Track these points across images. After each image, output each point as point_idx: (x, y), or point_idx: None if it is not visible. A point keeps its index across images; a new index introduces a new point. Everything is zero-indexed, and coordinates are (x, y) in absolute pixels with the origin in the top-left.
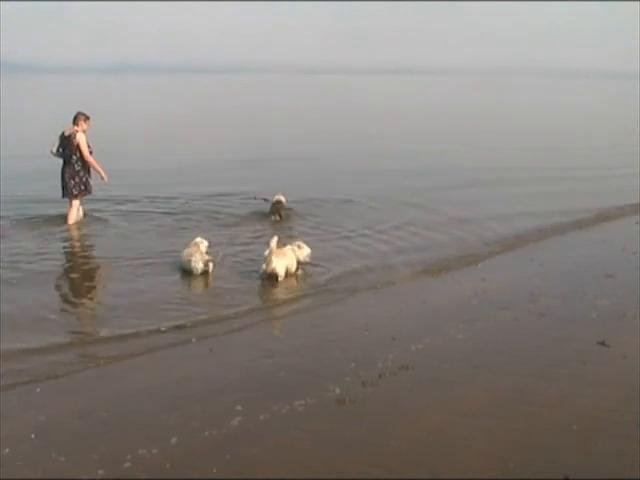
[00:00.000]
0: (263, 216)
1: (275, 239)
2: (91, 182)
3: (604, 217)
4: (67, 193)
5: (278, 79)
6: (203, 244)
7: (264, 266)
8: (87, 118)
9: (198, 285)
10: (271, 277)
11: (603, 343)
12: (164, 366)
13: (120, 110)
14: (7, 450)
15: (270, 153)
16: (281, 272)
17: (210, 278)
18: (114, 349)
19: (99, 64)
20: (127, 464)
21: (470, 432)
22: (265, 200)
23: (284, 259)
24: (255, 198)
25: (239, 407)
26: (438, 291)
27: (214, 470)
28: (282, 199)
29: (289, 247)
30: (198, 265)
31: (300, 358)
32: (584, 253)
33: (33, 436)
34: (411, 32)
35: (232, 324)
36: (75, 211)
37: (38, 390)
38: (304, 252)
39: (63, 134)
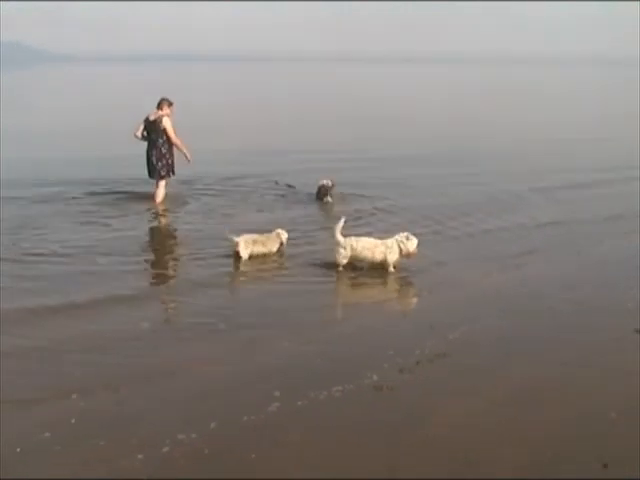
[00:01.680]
0: None
1: (341, 222)
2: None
3: None
4: (155, 174)
5: (304, 68)
6: (259, 237)
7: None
8: (171, 104)
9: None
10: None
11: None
12: (203, 352)
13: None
14: (48, 434)
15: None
16: (341, 260)
17: (240, 262)
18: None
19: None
20: (166, 449)
21: (506, 419)
22: (289, 186)
23: (363, 244)
24: (277, 183)
25: (277, 393)
26: (471, 280)
27: (252, 455)
28: (329, 183)
29: (396, 237)
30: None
31: (337, 345)
32: (620, 244)
33: (73, 421)
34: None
35: (270, 313)
36: (162, 191)
37: (78, 374)
38: (411, 244)
39: (148, 119)
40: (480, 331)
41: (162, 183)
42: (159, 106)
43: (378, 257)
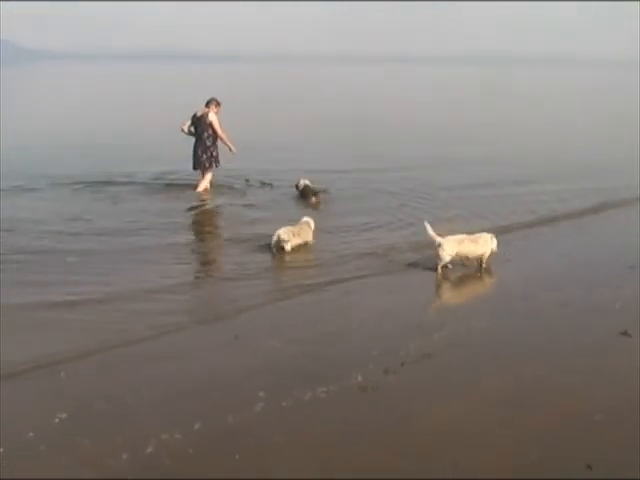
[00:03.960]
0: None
1: (428, 225)
2: (219, 157)
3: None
4: (199, 166)
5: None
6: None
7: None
8: (219, 103)
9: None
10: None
11: (625, 333)
12: (189, 352)
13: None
14: (31, 434)
15: None
16: (446, 258)
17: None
18: (142, 333)
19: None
20: (150, 449)
21: (491, 421)
22: (263, 184)
23: (467, 240)
24: (248, 181)
25: (262, 393)
26: (460, 280)
27: (237, 456)
28: (308, 182)
29: (485, 235)
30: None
31: (322, 345)
32: (607, 244)
33: (57, 420)
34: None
35: (255, 311)
36: (206, 181)
37: (62, 374)
38: (495, 243)
39: (195, 115)
40: (466, 332)
41: (208, 175)
42: (208, 104)
43: (480, 250)
